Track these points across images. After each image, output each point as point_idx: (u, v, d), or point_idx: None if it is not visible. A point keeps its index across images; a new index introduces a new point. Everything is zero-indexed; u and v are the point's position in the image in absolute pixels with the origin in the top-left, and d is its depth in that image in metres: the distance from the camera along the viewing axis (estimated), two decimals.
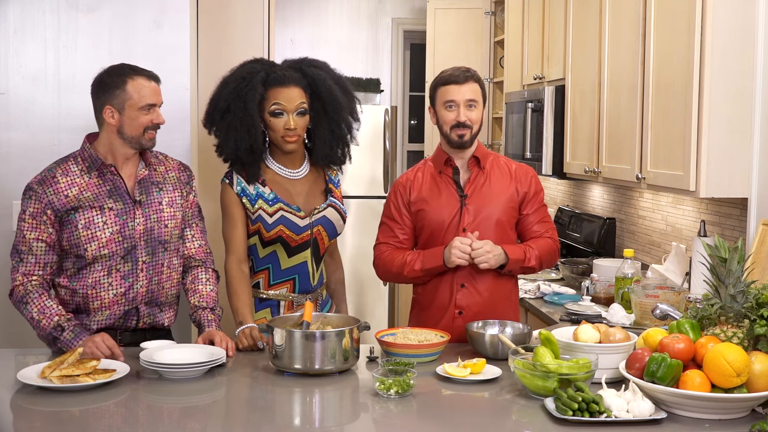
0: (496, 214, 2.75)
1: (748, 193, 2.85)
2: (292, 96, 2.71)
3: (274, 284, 2.79)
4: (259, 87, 2.71)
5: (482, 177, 2.79)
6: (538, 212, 2.82)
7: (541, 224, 2.82)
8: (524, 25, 4.82)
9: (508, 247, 2.70)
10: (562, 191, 5.17)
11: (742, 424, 1.93)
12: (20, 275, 2.52)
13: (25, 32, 3.16)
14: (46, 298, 2.49)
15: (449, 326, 2.73)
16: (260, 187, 2.76)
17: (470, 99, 2.72)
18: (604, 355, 2.17)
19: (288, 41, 6.65)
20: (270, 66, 2.81)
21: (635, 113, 3.24)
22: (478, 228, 2.72)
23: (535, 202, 2.82)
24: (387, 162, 5.88)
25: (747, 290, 2.05)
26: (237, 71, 2.78)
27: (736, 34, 2.78)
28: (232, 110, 2.72)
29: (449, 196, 2.78)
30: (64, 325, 2.46)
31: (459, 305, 2.76)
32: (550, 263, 2.83)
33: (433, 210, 2.78)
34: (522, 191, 2.80)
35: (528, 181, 2.82)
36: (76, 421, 2.02)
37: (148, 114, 2.52)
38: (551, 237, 2.82)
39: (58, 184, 2.52)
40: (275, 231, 2.72)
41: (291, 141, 2.73)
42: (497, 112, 5.90)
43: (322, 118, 2.80)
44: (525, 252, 2.72)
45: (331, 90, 2.77)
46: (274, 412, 2.13)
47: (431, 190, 2.81)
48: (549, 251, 2.78)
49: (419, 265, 2.73)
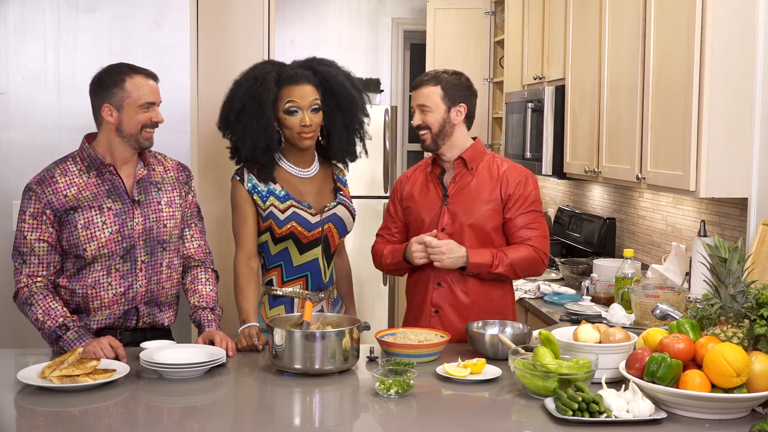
0: (475, 217, 2.74)
1: (748, 193, 2.85)
2: (305, 93, 2.73)
3: (288, 281, 2.80)
4: (273, 86, 2.73)
5: (468, 178, 2.79)
6: (525, 217, 2.74)
7: (526, 230, 2.74)
8: (524, 25, 4.82)
9: (474, 251, 2.68)
10: (562, 191, 5.17)
11: (742, 424, 1.93)
12: (24, 277, 2.52)
13: (25, 32, 3.16)
14: (50, 300, 2.49)
15: (426, 324, 2.78)
16: (271, 184, 2.77)
17: (420, 104, 2.76)
18: (604, 355, 2.17)
19: (288, 41, 6.65)
20: (281, 66, 2.83)
21: (635, 113, 3.24)
22: (455, 229, 2.74)
23: (520, 207, 2.74)
24: (387, 162, 5.88)
25: (747, 290, 2.05)
26: (248, 72, 2.80)
27: (736, 34, 2.78)
28: (248, 111, 2.74)
29: (434, 196, 2.81)
30: (69, 325, 2.46)
31: (435, 303, 2.78)
32: (529, 273, 2.76)
33: (418, 208, 2.83)
34: (506, 194, 2.75)
35: (515, 183, 2.75)
36: (76, 421, 2.02)
37: (146, 112, 2.52)
38: (533, 245, 2.72)
39: (57, 184, 2.52)
40: (287, 227, 2.73)
41: (307, 137, 2.75)
42: (497, 112, 5.90)
43: (336, 114, 2.82)
44: (494, 258, 2.68)
45: (343, 85, 2.81)
46: (274, 412, 2.13)
47: (421, 188, 2.86)
48: (525, 260, 2.71)
49: (389, 259, 2.83)
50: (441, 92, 2.74)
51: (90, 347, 2.36)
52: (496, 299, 2.80)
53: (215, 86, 2.92)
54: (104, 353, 2.35)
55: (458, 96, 2.76)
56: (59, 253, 2.54)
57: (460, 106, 2.76)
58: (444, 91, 2.74)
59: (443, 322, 2.76)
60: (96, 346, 2.37)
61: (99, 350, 2.36)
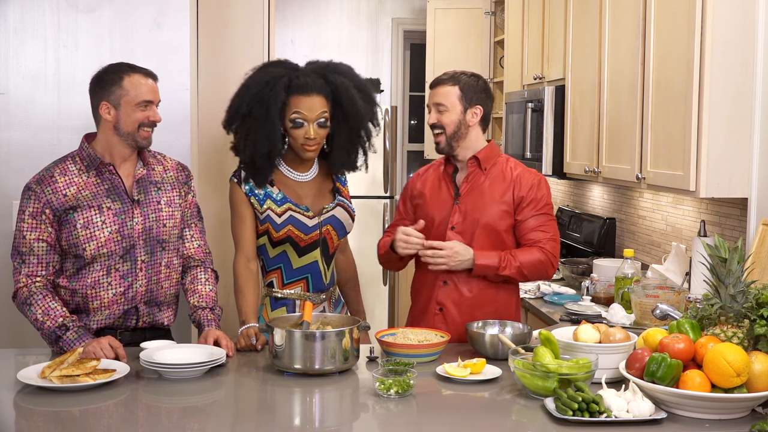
0: (486, 216, 2.74)
1: (748, 193, 2.85)
2: (313, 105, 2.68)
3: (288, 284, 2.79)
4: (282, 93, 2.68)
5: (481, 178, 2.79)
6: (536, 219, 2.75)
7: (537, 232, 2.74)
8: (524, 25, 4.82)
9: (481, 253, 2.69)
10: (562, 191, 5.17)
11: (742, 424, 1.93)
12: (23, 277, 2.51)
13: (25, 32, 3.16)
14: (50, 300, 2.49)
15: (431, 322, 2.78)
16: (268, 187, 2.76)
17: (437, 103, 2.77)
18: (604, 355, 2.17)
19: (288, 41, 6.65)
20: (293, 70, 2.76)
21: (635, 113, 3.24)
22: (465, 228, 2.74)
23: (532, 209, 2.75)
24: (387, 162, 5.88)
25: (747, 290, 2.05)
26: (259, 75, 2.75)
27: (736, 34, 2.78)
28: (254, 115, 2.70)
29: (446, 194, 2.82)
30: (68, 325, 2.46)
31: (439, 301, 2.78)
32: (539, 276, 2.76)
33: (428, 206, 2.83)
34: (518, 196, 2.75)
35: (528, 186, 2.76)
36: (76, 421, 2.02)
37: (143, 110, 2.52)
38: (543, 248, 2.73)
39: (56, 184, 2.52)
40: (284, 231, 2.72)
41: (310, 149, 2.73)
42: (497, 112, 5.90)
43: (342, 125, 2.78)
44: (501, 260, 2.69)
45: (353, 99, 2.74)
46: (274, 412, 2.13)
47: (432, 186, 2.86)
48: (535, 263, 2.71)
49: (382, 251, 2.88)
50: (459, 92, 2.75)
51: (90, 347, 2.36)
52: (501, 300, 2.80)
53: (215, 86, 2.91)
54: (104, 353, 2.35)
55: (475, 98, 2.77)
56: (58, 253, 2.54)
57: (476, 108, 2.77)
58: (462, 91, 2.75)
59: (447, 320, 2.77)
60: (96, 346, 2.37)
61: (99, 350, 2.36)
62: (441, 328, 2.72)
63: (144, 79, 2.53)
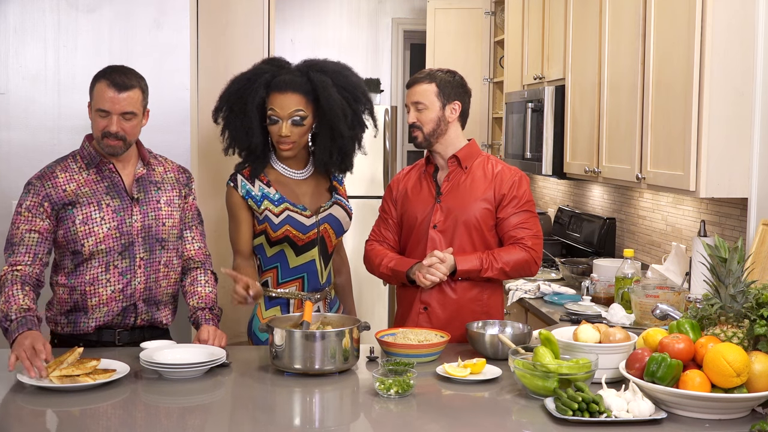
0: (468, 214, 2.75)
1: (748, 193, 2.85)
2: (286, 103, 2.70)
3: (283, 282, 2.80)
4: (261, 90, 2.72)
5: (462, 177, 2.79)
6: (518, 216, 2.75)
7: (519, 230, 2.74)
8: (524, 25, 4.82)
9: (462, 258, 2.70)
10: (562, 191, 5.17)
11: (742, 424, 1.93)
12: (7, 265, 2.49)
13: (25, 32, 3.16)
14: (17, 289, 2.40)
15: (415, 321, 2.78)
16: (265, 188, 2.77)
17: (416, 101, 2.77)
18: (604, 355, 2.17)
19: (288, 41, 6.65)
20: (279, 68, 2.78)
21: (635, 113, 3.24)
22: (447, 226, 2.75)
23: (514, 207, 2.75)
24: (387, 162, 5.88)
25: (747, 290, 2.05)
26: (248, 71, 2.80)
27: (736, 34, 2.78)
28: (234, 111, 2.75)
29: (427, 194, 2.83)
30: (12, 316, 2.33)
31: (423, 300, 2.78)
32: (523, 273, 2.77)
33: (411, 205, 2.84)
34: (500, 193, 2.76)
35: (509, 183, 2.76)
36: (76, 421, 2.02)
37: (102, 119, 2.50)
38: (526, 245, 2.72)
39: (57, 179, 2.54)
40: (281, 231, 2.72)
41: (284, 149, 2.74)
42: (497, 112, 5.90)
43: (324, 124, 2.78)
44: (483, 263, 2.70)
45: (330, 97, 2.73)
46: (274, 412, 2.13)
47: (414, 186, 2.87)
48: (519, 262, 2.72)
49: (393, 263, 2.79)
50: (436, 89, 2.75)
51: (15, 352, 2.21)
52: (485, 298, 2.81)
53: (215, 86, 2.91)
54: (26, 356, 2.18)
55: (453, 93, 2.77)
56: (49, 246, 2.53)
57: (455, 104, 2.77)
58: (439, 88, 2.76)
59: (431, 318, 2.77)
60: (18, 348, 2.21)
61: (21, 352, 2.20)
62: (426, 327, 2.72)
63: (107, 88, 2.47)
